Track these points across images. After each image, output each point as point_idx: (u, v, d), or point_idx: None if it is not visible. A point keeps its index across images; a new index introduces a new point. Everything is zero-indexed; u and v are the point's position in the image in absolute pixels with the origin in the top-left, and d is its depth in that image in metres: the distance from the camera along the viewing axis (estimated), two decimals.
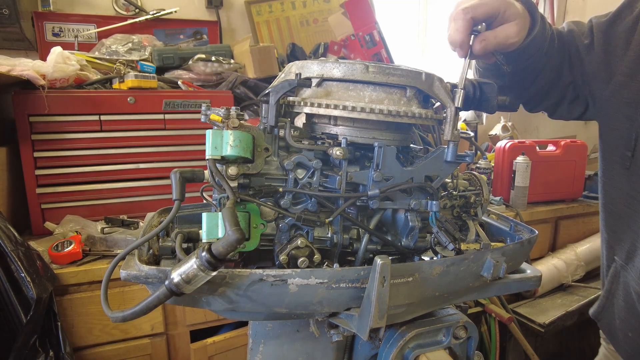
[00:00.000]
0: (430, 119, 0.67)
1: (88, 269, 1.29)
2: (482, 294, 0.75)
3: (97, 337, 1.35)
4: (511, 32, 0.71)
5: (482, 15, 0.69)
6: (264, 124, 0.67)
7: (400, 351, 0.68)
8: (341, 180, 0.65)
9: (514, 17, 0.71)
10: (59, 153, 1.49)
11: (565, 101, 0.96)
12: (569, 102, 0.96)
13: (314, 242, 0.68)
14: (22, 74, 1.34)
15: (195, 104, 1.61)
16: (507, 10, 0.70)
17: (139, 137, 1.57)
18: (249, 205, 0.64)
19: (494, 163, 2.20)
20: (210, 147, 0.60)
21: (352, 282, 0.61)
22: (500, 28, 0.71)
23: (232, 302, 0.60)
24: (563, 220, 2.29)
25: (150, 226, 0.76)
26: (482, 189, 0.84)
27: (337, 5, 2.34)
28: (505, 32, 0.71)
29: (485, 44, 0.70)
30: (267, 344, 0.81)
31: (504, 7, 0.70)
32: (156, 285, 0.59)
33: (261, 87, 1.84)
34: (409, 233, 0.69)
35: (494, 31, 0.71)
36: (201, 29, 2.15)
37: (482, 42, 0.70)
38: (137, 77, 1.57)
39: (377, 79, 0.64)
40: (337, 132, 0.68)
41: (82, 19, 1.96)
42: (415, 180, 0.67)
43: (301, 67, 0.69)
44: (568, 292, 2.19)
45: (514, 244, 0.72)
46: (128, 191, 1.58)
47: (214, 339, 1.51)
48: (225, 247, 0.51)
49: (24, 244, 1.20)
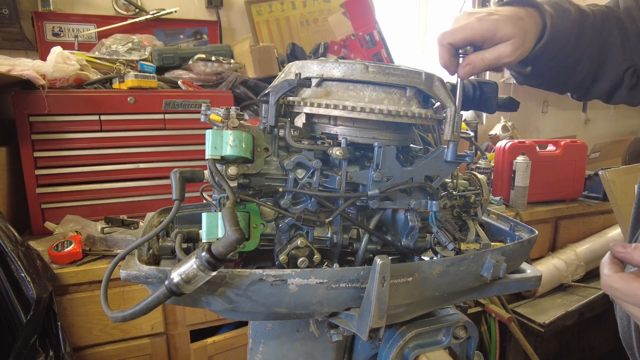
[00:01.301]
0: (430, 119, 0.67)
1: (88, 269, 1.29)
2: (482, 294, 0.75)
3: (97, 337, 1.35)
4: (504, 52, 0.67)
5: (461, 41, 0.66)
6: (263, 124, 0.67)
7: (400, 351, 0.68)
8: (341, 180, 0.65)
9: (507, 37, 0.67)
10: (59, 153, 1.49)
11: (622, 88, 0.85)
12: (629, 89, 0.85)
13: (314, 242, 0.68)
14: (22, 74, 1.34)
15: (195, 104, 1.61)
16: (496, 33, 0.67)
17: (138, 137, 1.57)
18: (248, 205, 0.64)
19: (494, 163, 2.20)
20: (210, 147, 0.60)
21: (351, 282, 0.61)
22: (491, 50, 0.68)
23: (232, 302, 0.60)
24: (563, 220, 2.29)
25: (150, 226, 0.77)
26: (482, 189, 0.84)
27: (337, 5, 2.34)
28: (496, 53, 0.67)
29: (471, 67, 0.67)
30: (267, 343, 0.81)
31: (492, 30, 0.66)
32: (156, 285, 0.59)
33: (261, 87, 1.84)
34: (409, 233, 0.69)
35: (481, 53, 0.68)
36: (201, 28, 2.15)
37: (466, 67, 0.67)
38: (137, 77, 1.57)
39: (377, 79, 0.64)
40: (337, 132, 0.68)
41: (82, 19, 1.96)
42: (415, 180, 0.67)
43: (301, 67, 0.69)
44: (568, 292, 2.19)
45: (513, 244, 0.72)
46: (128, 191, 1.58)
47: (214, 339, 1.51)
48: (225, 247, 0.51)
49: (24, 244, 1.20)
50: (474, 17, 0.68)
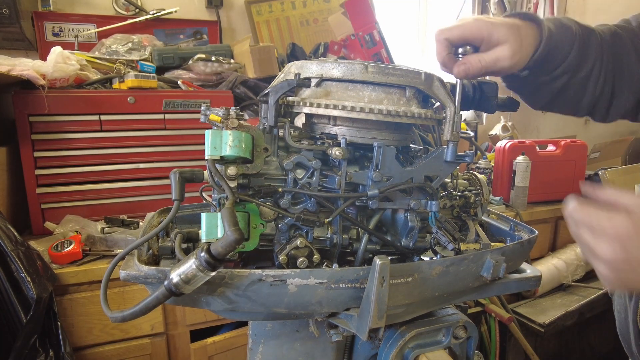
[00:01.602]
0: (430, 119, 0.66)
1: (88, 269, 1.29)
2: (482, 294, 0.75)
3: (97, 337, 1.35)
4: (502, 55, 0.68)
5: (457, 37, 0.68)
6: (263, 124, 0.67)
7: (400, 351, 0.68)
8: (340, 180, 0.65)
9: (503, 39, 0.68)
10: (59, 153, 1.49)
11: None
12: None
13: (314, 242, 0.68)
14: (22, 74, 1.34)
15: (195, 104, 1.61)
16: (492, 34, 0.67)
17: (138, 137, 1.57)
18: (248, 205, 0.64)
19: (494, 163, 2.20)
20: (209, 147, 0.60)
21: (351, 282, 0.61)
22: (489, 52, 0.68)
23: (232, 302, 0.60)
24: (563, 220, 2.28)
25: (150, 226, 0.77)
26: (482, 189, 0.84)
27: (337, 5, 2.34)
28: (494, 56, 0.68)
29: (467, 67, 0.68)
30: (266, 344, 0.81)
31: (488, 30, 0.67)
32: (155, 285, 0.59)
33: (261, 87, 1.84)
34: (409, 233, 0.69)
35: (478, 55, 0.68)
36: (201, 28, 2.15)
37: (461, 66, 0.68)
38: (137, 77, 1.57)
39: (377, 79, 0.64)
40: (337, 132, 0.68)
41: (82, 18, 1.96)
42: (414, 180, 0.67)
43: (300, 67, 0.69)
44: (568, 292, 2.19)
45: (513, 244, 0.72)
46: (128, 191, 1.58)
47: (214, 339, 1.51)
48: (224, 248, 0.51)
49: (24, 244, 1.20)
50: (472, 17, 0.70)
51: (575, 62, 0.77)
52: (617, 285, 0.57)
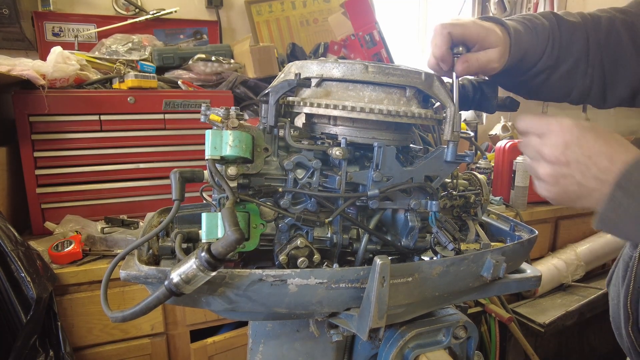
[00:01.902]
0: (430, 118, 0.67)
1: (88, 269, 1.29)
2: (482, 294, 0.75)
3: (97, 337, 1.35)
4: (493, 57, 0.72)
5: (458, 34, 0.70)
6: (263, 124, 0.67)
7: (400, 351, 0.68)
8: (341, 180, 0.65)
9: (496, 43, 0.72)
10: (59, 153, 1.49)
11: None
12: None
13: (314, 242, 0.68)
14: (22, 74, 1.34)
15: (195, 104, 1.61)
16: (487, 37, 0.71)
17: (139, 137, 1.57)
18: (248, 205, 0.64)
19: (494, 163, 2.20)
20: (209, 147, 0.60)
21: (351, 282, 0.61)
22: (482, 52, 0.72)
23: (232, 302, 0.60)
24: (563, 220, 2.28)
25: (150, 226, 0.77)
26: (482, 189, 0.84)
27: (337, 5, 2.34)
28: (487, 56, 0.72)
29: (468, 65, 0.71)
30: (267, 343, 0.81)
31: (484, 33, 0.71)
32: (156, 285, 0.59)
33: (261, 87, 1.84)
34: (409, 233, 0.69)
35: (476, 54, 0.72)
36: (201, 28, 2.15)
37: (464, 64, 0.71)
38: (137, 77, 1.57)
39: (377, 79, 0.64)
40: (337, 132, 0.68)
41: (82, 18, 1.96)
42: (415, 180, 0.67)
43: (301, 67, 0.69)
44: (568, 292, 2.19)
45: (513, 244, 0.72)
46: (128, 191, 1.58)
47: (214, 339, 1.51)
48: (224, 247, 0.51)
49: (24, 244, 1.20)
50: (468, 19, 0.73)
51: (551, 61, 0.80)
52: (555, 192, 0.64)
